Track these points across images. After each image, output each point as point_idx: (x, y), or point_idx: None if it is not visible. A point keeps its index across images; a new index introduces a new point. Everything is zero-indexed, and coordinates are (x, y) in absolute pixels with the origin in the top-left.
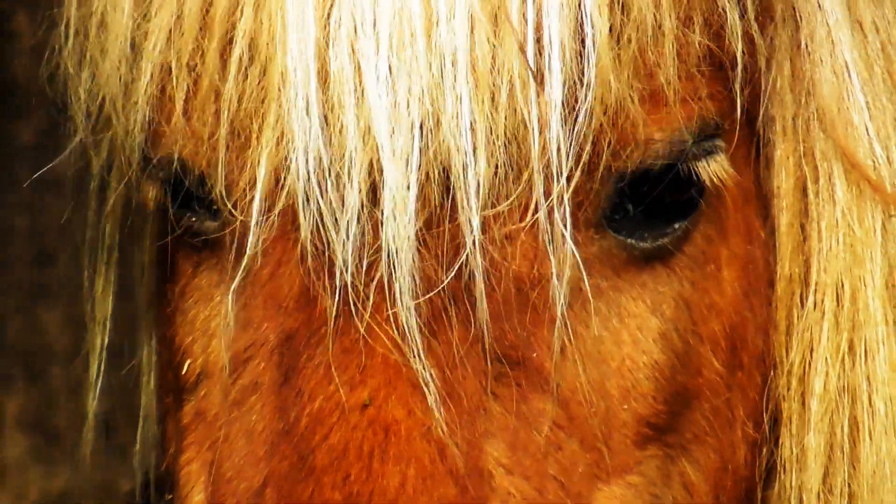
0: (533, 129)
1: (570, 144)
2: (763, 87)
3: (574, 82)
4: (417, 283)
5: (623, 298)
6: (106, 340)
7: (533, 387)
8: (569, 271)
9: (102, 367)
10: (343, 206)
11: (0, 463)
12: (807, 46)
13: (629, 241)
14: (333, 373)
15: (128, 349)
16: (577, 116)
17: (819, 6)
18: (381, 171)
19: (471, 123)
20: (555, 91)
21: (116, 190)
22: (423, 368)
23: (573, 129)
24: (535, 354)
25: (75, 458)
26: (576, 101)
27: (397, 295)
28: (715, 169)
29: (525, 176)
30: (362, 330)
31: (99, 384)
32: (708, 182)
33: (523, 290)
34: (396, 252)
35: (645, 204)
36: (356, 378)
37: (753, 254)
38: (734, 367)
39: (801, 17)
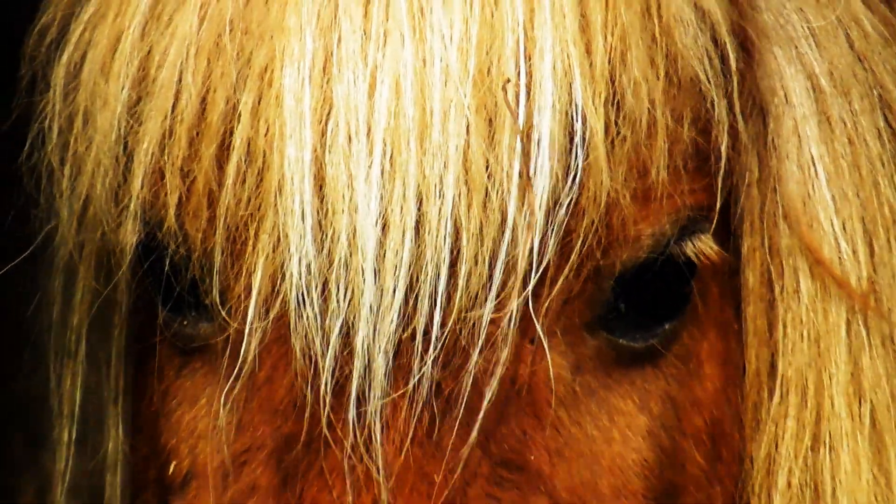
0: (520, 232)
1: (560, 244)
2: (737, 182)
3: (567, 182)
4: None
5: (613, 397)
6: (74, 433)
7: (533, 489)
8: (563, 373)
9: (71, 461)
10: (327, 314)
11: None
12: (773, 141)
13: (621, 340)
14: (334, 479)
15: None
16: (568, 216)
17: (786, 100)
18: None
19: (458, 228)
20: (542, 192)
21: (89, 290)
22: (380, 476)
23: (564, 229)
24: (533, 457)
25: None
26: (569, 200)
27: (372, 399)
28: (701, 247)
29: (511, 280)
30: (354, 436)
31: (67, 477)
32: (694, 259)
33: (518, 393)
34: (369, 359)
35: (636, 303)
36: (358, 484)
37: (729, 347)
38: (715, 461)
39: (768, 111)
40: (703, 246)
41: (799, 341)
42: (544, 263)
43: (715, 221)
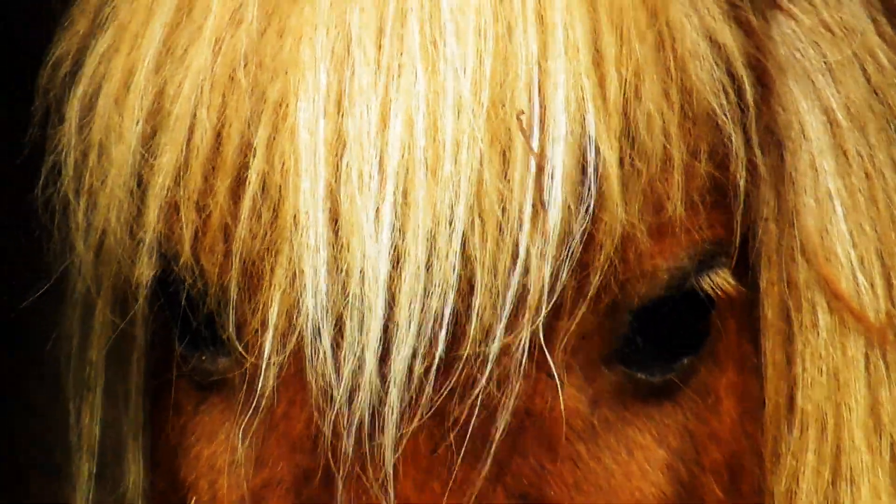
0: (533, 265)
1: (577, 277)
2: (755, 216)
3: (582, 215)
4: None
5: (631, 431)
6: (94, 468)
7: None
8: (580, 406)
9: (91, 496)
10: (342, 348)
11: None
12: (790, 175)
13: (639, 375)
14: None
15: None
16: (584, 249)
17: (803, 134)
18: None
19: (471, 261)
20: (554, 224)
21: (107, 325)
22: None
23: (579, 262)
24: (553, 492)
25: None
26: (584, 234)
27: (386, 432)
28: (718, 281)
29: (525, 312)
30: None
31: None
32: (712, 294)
33: (535, 426)
34: (384, 393)
35: (654, 337)
36: None
37: (750, 382)
38: (734, 495)
39: (785, 145)
40: (721, 281)
41: (817, 375)
42: (557, 296)
43: (735, 256)
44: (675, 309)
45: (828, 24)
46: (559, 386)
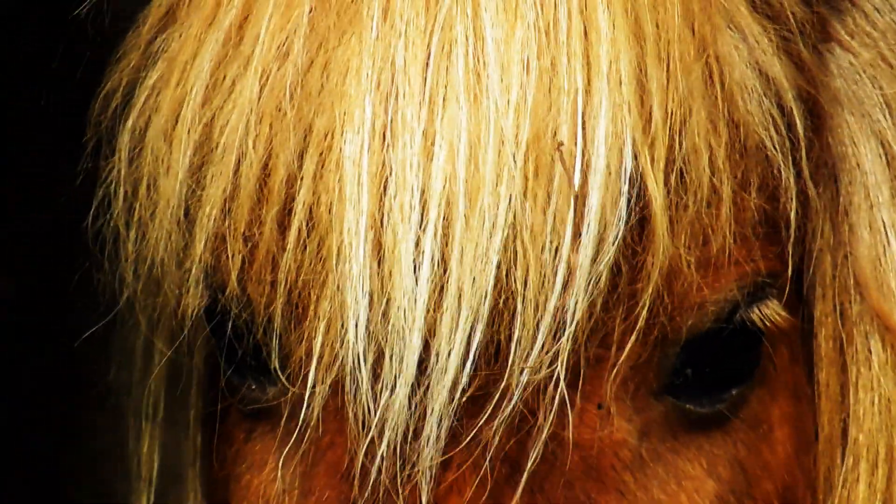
0: (571, 297)
1: (624, 310)
2: (809, 248)
3: (624, 248)
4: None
5: (680, 461)
6: (152, 497)
7: None
8: (628, 438)
9: None
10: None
11: None
12: (845, 207)
13: (688, 406)
14: None
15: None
16: (631, 281)
17: (858, 166)
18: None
19: (512, 292)
20: (588, 257)
21: (165, 354)
22: None
23: (628, 294)
24: None
25: None
26: (629, 266)
27: (420, 461)
28: (768, 313)
29: (568, 344)
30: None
31: None
32: (761, 325)
33: (583, 457)
34: (424, 423)
35: (704, 368)
36: None
37: (802, 413)
38: None
39: (840, 177)
40: (772, 312)
41: (870, 406)
42: (603, 327)
43: (787, 289)
44: (724, 340)
45: (886, 58)
46: (612, 418)
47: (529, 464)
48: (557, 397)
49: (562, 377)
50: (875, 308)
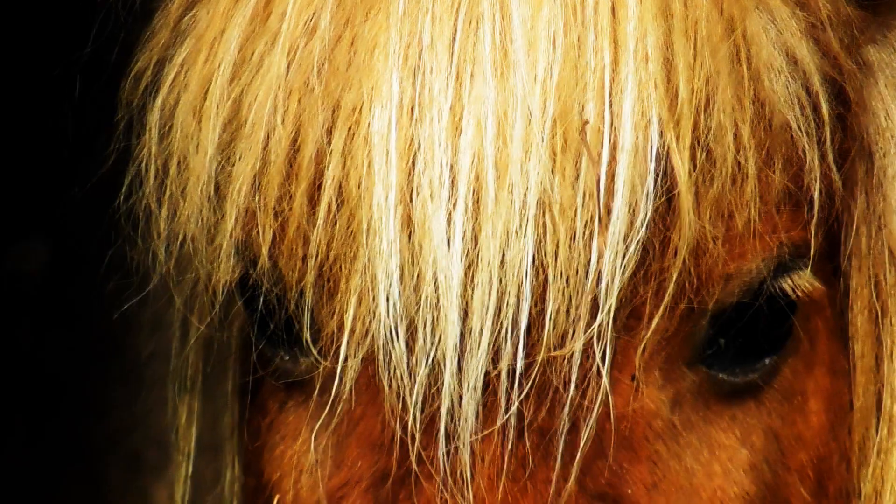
0: (606, 271)
1: (654, 284)
2: (845, 220)
3: (651, 223)
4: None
5: (713, 431)
6: (190, 469)
7: None
8: (661, 408)
9: (187, 496)
10: (415, 352)
11: None
12: (880, 178)
13: (720, 375)
14: None
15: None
16: (658, 256)
17: (892, 137)
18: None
19: (544, 267)
20: (619, 232)
21: (199, 330)
22: None
23: (656, 269)
24: (630, 491)
25: None
26: (656, 241)
27: (462, 435)
28: (799, 283)
29: (600, 317)
30: (446, 472)
31: None
32: (793, 295)
33: (615, 427)
34: (459, 396)
35: (736, 339)
36: None
37: (837, 384)
38: (820, 497)
39: (875, 151)
40: (802, 282)
41: None
42: (632, 301)
43: (813, 259)
44: (755, 311)
45: None
46: (643, 389)
47: (572, 437)
48: (600, 370)
49: (595, 351)
50: None
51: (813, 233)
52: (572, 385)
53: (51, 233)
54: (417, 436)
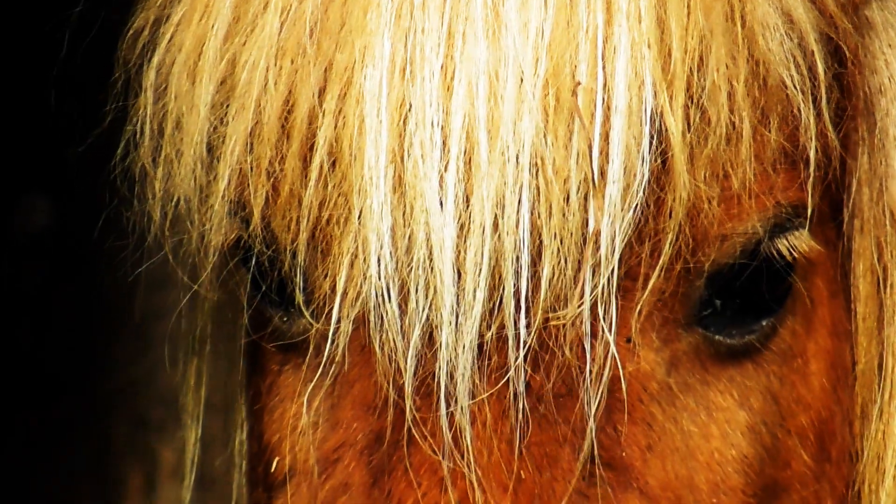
0: (598, 232)
1: (649, 245)
2: (844, 181)
3: (646, 184)
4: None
5: (711, 392)
6: (199, 432)
7: (623, 486)
8: (656, 370)
9: (196, 458)
10: (407, 314)
11: None
12: (882, 139)
13: (717, 337)
14: (421, 476)
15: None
16: (654, 217)
17: (894, 98)
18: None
19: (538, 228)
20: (617, 193)
21: (206, 293)
22: (473, 472)
23: (652, 230)
24: (624, 453)
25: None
26: (651, 202)
27: (458, 398)
28: (796, 244)
29: (596, 279)
30: (447, 434)
31: (193, 475)
32: (789, 257)
33: (610, 389)
34: (456, 358)
35: (733, 300)
36: (445, 481)
37: (840, 347)
38: (822, 460)
39: (876, 111)
40: (799, 243)
41: None
42: (627, 262)
43: (810, 220)
44: (752, 272)
45: None
46: (638, 350)
47: (564, 398)
48: (594, 332)
49: (591, 314)
50: None
51: (809, 192)
52: (566, 348)
53: (51, 192)
54: (409, 399)
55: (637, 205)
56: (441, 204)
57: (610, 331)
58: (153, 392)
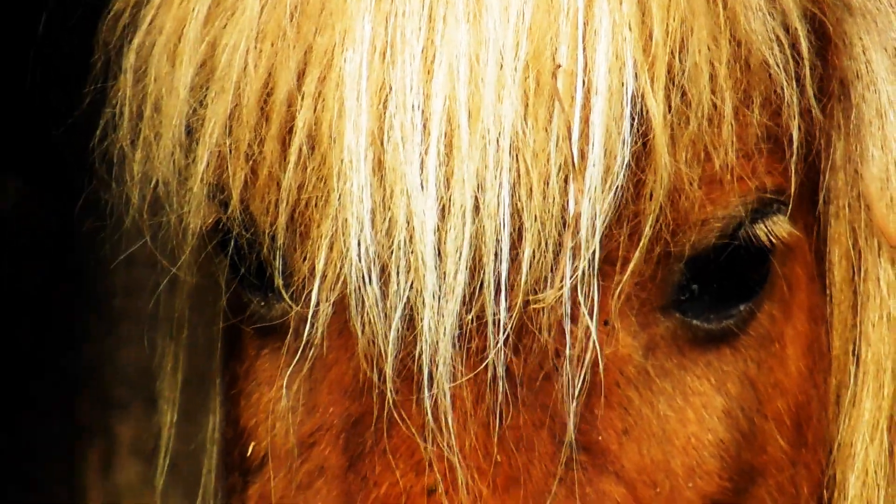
0: (584, 216)
1: (628, 227)
2: (821, 166)
3: (626, 166)
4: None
5: (688, 377)
6: (175, 417)
7: (599, 469)
8: (633, 354)
9: (171, 443)
10: (387, 297)
11: (114, 488)
12: (857, 124)
13: (695, 321)
14: (398, 459)
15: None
16: (634, 199)
17: (871, 83)
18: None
19: (518, 211)
20: (597, 176)
21: (172, 273)
22: (454, 454)
23: (631, 213)
24: (600, 437)
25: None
26: (631, 184)
27: (438, 382)
28: (774, 229)
29: (576, 262)
30: (429, 417)
31: (167, 462)
32: (767, 241)
33: (587, 373)
34: (437, 341)
35: (710, 284)
36: (422, 464)
37: (817, 332)
38: (799, 445)
39: (853, 93)
40: (778, 228)
41: (878, 325)
42: (607, 245)
43: (791, 203)
44: (731, 256)
45: None
46: (612, 333)
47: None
48: (573, 315)
49: (580, 296)
50: (880, 226)
51: (793, 172)
52: (545, 331)
53: (26, 171)
54: (389, 382)
55: (618, 187)
56: (422, 186)
57: (591, 314)
58: (116, 371)
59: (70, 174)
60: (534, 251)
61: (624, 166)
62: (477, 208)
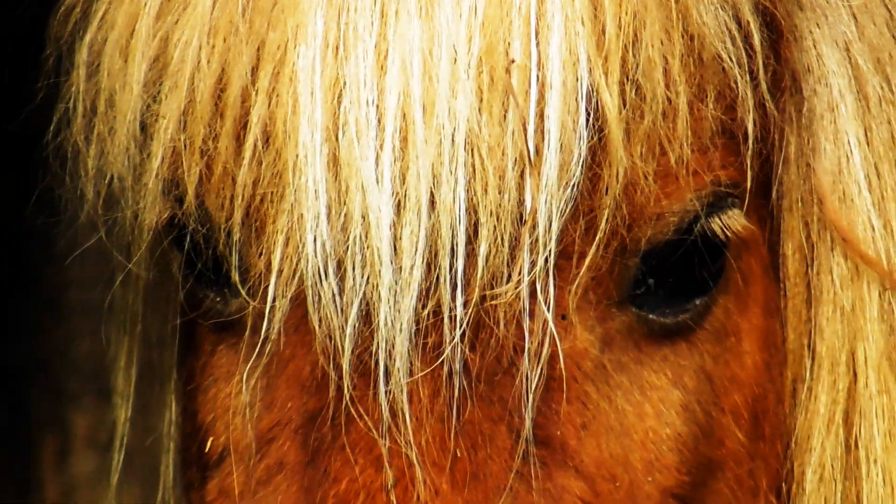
0: (539, 211)
1: (584, 222)
2: (775, 160)
3: (582, 161)
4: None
5: (645, 371)
6: (129, 412)
7: (558, 464)
8: (590, 348)
9: (125, 439)
10: (344, 292)
11: (69, 480)
12: (809, 118)
13: (651, 316)
14: (357, 454)
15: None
16: (590, 194)
17: (822, 77)
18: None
19: (474, 206)
20: (553, 171)
21: (127, 268)
22: (412, 450)
23: (587, 207)
24: (559, 432)
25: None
26: (587, 179)
27: (395, 377)
28: (729, 223)
29: (532, 257)
30: (386, 412)
31: (122, 456)
32: (722, 236)
33: (544, 368)
34: (394, 336)
35: (666, 279)
36: (381, 459)
37: (772, 325)
38: (756, 438)
39: (805, 87)
40: (733, 222)
41: (832, 319)
42: (563, 239)
43: (747, 196)
44: (686, 250)
45: None
46: (568, 328)
47: (502, 377)
48: (530, 310)
49: (537, 290)
50: (832, 220)
51: (748, 166)
52: (502, 326)
53: None
54: (347, 378)
55: (574, 182)
56: (377, 182)
57: (548, 309)
58: (69, 363)
59: (24, 169)
60: (490, 246)
61: (580, 161)
62: (433, 203)
